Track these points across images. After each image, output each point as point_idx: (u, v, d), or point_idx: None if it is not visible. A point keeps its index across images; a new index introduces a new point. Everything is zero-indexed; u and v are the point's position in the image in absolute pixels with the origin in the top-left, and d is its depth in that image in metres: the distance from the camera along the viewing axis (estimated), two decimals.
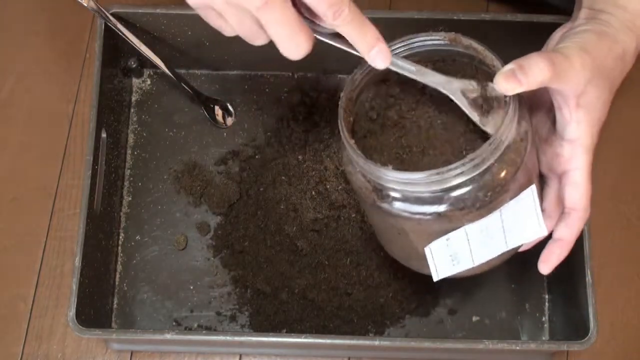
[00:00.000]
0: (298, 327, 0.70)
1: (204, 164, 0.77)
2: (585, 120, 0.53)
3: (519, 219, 0.54)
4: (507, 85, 0.50)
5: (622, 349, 0.72)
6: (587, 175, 0.55)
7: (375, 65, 0.51)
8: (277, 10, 0.47)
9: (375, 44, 0.50)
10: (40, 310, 0.73)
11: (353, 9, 0.48)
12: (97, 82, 0.70)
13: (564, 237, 0.56)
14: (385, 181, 0.52)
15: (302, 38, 0.49)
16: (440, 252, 0.56)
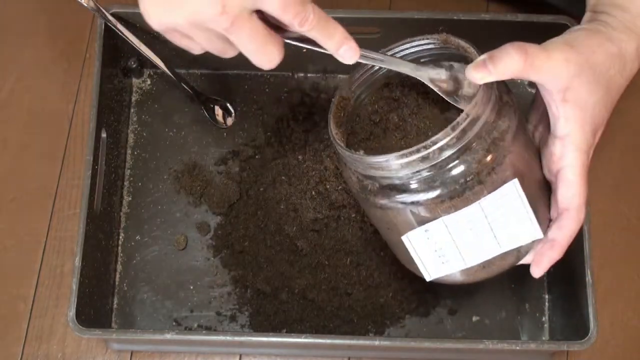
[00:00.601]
0: (298, 327, 0.70)
1: (204, 164, 0.77)
2: (574, 117, 0.53)
3: (509, 218, 0.54)
4: (477, 74, 0.51)
5: (622, 349, 0.72)
6: (580, 173, 0.54)
7: (345, 61, 0.52)
8: (244, 27, 0.48)
9: (344, 43, 0.51)
10: (40, 310, 0.73)
11: (317, 13, 0.49)
12: (97, 82, 0.70)
13: (556, 239, 0.55)
14: (363, 169, 0.54)
15: (272, 49, 0.50)
16: (422, 245, 0.55)
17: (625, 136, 0.79)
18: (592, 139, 0.54)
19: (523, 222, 0.54)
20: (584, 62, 0.52)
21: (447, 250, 0.55)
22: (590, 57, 0.53)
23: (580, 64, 0.52)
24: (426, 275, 0.58)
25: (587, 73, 0.53)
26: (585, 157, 0.54)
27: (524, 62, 0.51)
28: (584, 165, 0.54)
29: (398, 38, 0.73)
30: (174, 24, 0.49)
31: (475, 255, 0.56)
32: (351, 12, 0.71)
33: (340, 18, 0.70)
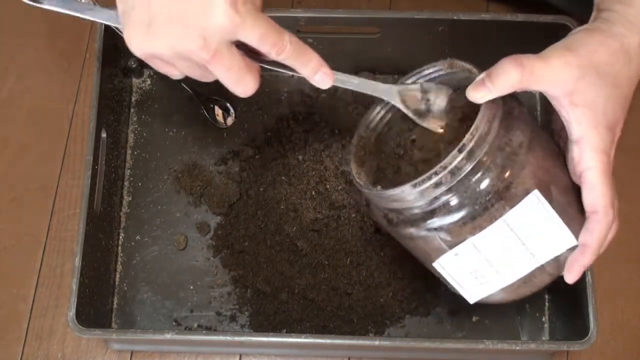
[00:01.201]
0: (298, 327, 0.70)
1: (204, 164, 0.77)
2: (585, 118, 0.53)
3: (539, 229, 0.53)
4: (477, 94, 0.52)
5: (622, 349, 0.72)
6: (601, 174, 0.53)
7: (321, 87, 0.54)
8: (223, 59, 0.50)
9: (319, 69, 0.53)
10: (40, 310, 0.73)
11: (294, 42, 0.51)
12: (97, 82, 0.70)
13: (587, 243, 0.55)
14: (385, 203, 0.55)
15: (248, 79, 0.52)
16: (456, 269, 0.56)
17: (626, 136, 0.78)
18: (610, 137, 0.54)
19: (554, 231, 0.54)
20: (586, 63, 0.53)
21: (483, 271, 0.55)
22: (592, 57, 0.53)
23: (582, 65, 0.52)
24: (469, 297, 0.58)
25: (591, 73, 0.53)
26: (605, 157, 0.54)
27: (522, 75, 0.51)
28: (604, 165, 0.53)
29: (398, 38, 0.73)
30: (156, 52, 0.50)
31: (512, 271, 0.55)
32: (351, 12, 0.71)
33: (340, 18, 0.71)
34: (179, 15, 0.48)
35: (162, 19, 0.48)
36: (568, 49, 0.53)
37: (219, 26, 0.48)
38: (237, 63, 0.51)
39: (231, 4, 0.48)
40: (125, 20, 0.50)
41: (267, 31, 0.50)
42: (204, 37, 0.48)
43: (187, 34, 0.48)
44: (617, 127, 0.55)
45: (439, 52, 0.73)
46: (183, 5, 0.48)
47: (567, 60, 0.52)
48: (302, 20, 0.72)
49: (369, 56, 0.77)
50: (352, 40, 0.75)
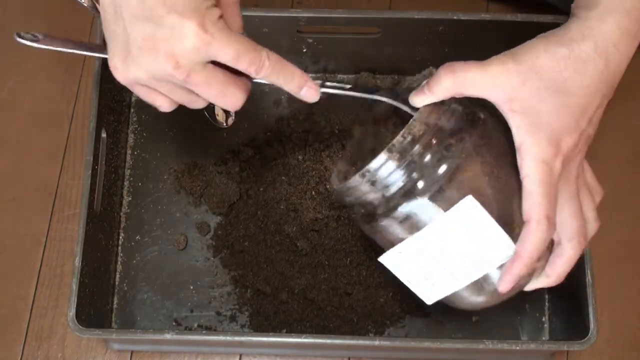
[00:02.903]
0: (298, 327, 0.70)
1: (204, 164, 0.77)
2: (524, 125, 0.52)
3: (480, 236, 0.53)
4: (417, 99, 0.54)
5: (622, 349, 0.72)
6: (540, 184, 0.52)
7: (308, 101, 0.55)
8: (200, 78, 0.50)
9: (304, 85, 0.54)
10: (40, 310, 0.73)
11: (273, 59, 0.51)
12: (97, 82, 0.70)
13: (517, 252, 0.53)
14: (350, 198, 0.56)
15: (233, 92, 0.52)
16: (404, 268, 0.56)
17: (625, 138, 0.79)
18: (553, 148, 0.52)
19: (493, 238, 0.53)
20: (527, 70, 0.52)
21: (431, 270, 0.55)
22: (534, 63, 0.52)
23: (521, 72, 0.52)
24: (424, 298, 0.58)
25: (532, 80, 0.52)
26: (545, 167, 0.52)
27: (453, 81, 0.52)
28: (543, 175, 0.52)
29: (398, 38, 0.73)
30: (136, 78, 0.51)
31: (461, 275, 0.55)
32: (351, 12, 0.71)
33: (340, 18, 0.71)
34: (151, 39, 0.48)
35: (137, 45, 0.49)
36: (511, 55, 0.53)
37: (190, 47, 0.48)
38: (217, 78, 0.51)
39: (199, 25, 0.48)
40: (109, 48, 0.52)
41: (242, 49, 0.50)
42: (176, 59, 0.49)
43: (160, 57, 0.49)
44: (565, 138, 0.52)
45: (439, 52, 0.74)
46: (155, 30, 0.48)
47: (506, 66, 0.52)
48: (302, 20, 0.72)
49: (369, 56, 0.77)
50: (352, 40, 0.75)
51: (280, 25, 0.72)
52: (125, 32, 0.49)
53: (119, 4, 0.49)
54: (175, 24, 0.48)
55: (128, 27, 0.49)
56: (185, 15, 0.47)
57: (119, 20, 0.49)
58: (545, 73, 0.52)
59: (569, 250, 0.55)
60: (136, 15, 0.48)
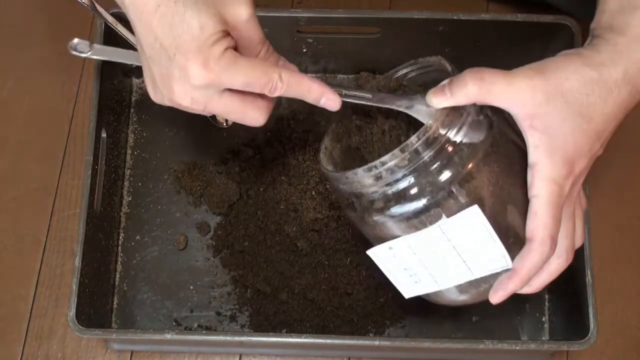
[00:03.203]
0: (298, 327, 0.70)
1: (204, 164, 0.77)
2: (542, 145, 0.52)
3: (475, 245, 0.53)
4: (435, 99, 0.52)
5: (622, 349, 0.72)
6: (548, 205, 0.51)
7: (330, 109, 0.55)
8: (219, 106, 0.52)
9: (322, 95, 0.54)
10: (40, 310, 0.73)
11: (286, 77, 0.52)
12: (97, 82, 0.70)
13: (516, 269, 0.53)
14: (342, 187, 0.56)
15: (252, 114, 0.53)
16: (390, 262, 0.56)
17: (626, 136, 0.79)
18: (566, 169, 0.52)
19: (490, 249, 0.53)
20: (554, 90, 0.51)
21: (417, 270, 0.55)
22: (562, 84, 0.51)
23: (548, 91, 0.51)
24: (403, 292, 0.58)
25: (558, 100, 0.51)
26: (556, 188, 0.52)
27: (479, 89, 0.51)
28: (553, 196, 0.52)
29: (398, 38, 0.73)
30: (165, 104, 0.53)
31: (446, 278, 0.55)
32: (351, 12, 0.71)
33: (340, 18, 0.71)
34: (166, 78, 0.51)
35: (156, 79, 0.52)
36: (539, 72, 0.52)
37: (199, 85, 0.50)
38: (233, 105, 0.52)
39: (202, 65, 0.49)
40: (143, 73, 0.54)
41: (251, 76, 0.51)
42: (191, 95, 0.51)
43: (175, 93, 0.51)
44: (579, 161, 0.52)
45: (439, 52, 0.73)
46: (168, 69, 0.50)
47: (533, 83, 0.51)
48: (302, 20, 0.72)
49: (369, 56, 0.77)
50: (352, 40, 0.75)
51: (280, 25, 0.72)
52: (148, 67, 0.52)
53: (140, 41, 0.51)
54: (182, 65, 0.49)
55: (149, 61, 0.51)
56: (188, 57, 0.49)
57: (142, 53, 0.52)
58: (572, 95, 0.51)
59: (555, 265, 0.55)
60: (152, 54, 0.50)
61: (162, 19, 0.49)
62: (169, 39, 0.49)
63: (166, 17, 0.49)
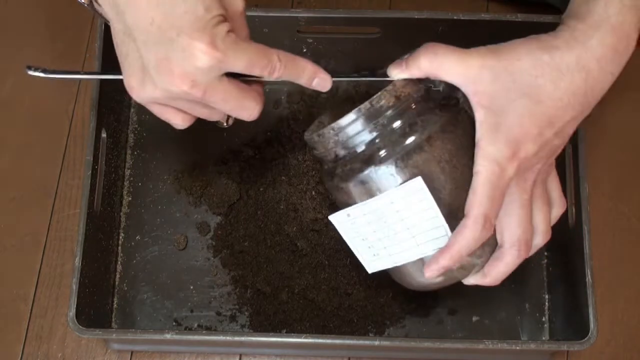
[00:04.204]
0: (298, 327, 0.70)
1: (204, 164, 0.77)
2: (486, 122, 0.52)
3: (420, 218, 0.53)
4: (394, 71, 0.55)
5: (622, 349, 0.72)
6: (486, 183, 0.51)
7: (321, 90, 0.56)
8: (217, 93, 0.51)
9: (315, 76, 0.54)
10: (40, 310, 0.73)
11: (284, 58, 0.52)
12: (97, 82, 0.70)
13: (448, 243, 0.54)
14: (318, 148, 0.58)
15: (249, 104, 0.53)
16: (350, 232, 0.56)
17: (625, 136, 0.79)
18: (509, 150, 0.51)
19: (435, 224, 0.53)
20: (503, 68, 0.52)
21: (374, 243, 0.56)
22: (513, 64, 0.52)
23: (497, 69, 0.52)
24: (366, 266, 0.58)
25: (506, 79, 0.51)
26: (497, 168, 0.51)
27: (430, 63, 0.53)
28: (492, 175, 0.51)
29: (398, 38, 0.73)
30: (153, 97, 0.51)
31: (399, 253, 0.55)
32: (351, 12, 0.71)
33: (340, 18, 0.71)
34: (166, 61, 0.49)
35: (151, 66, 0.50)
36: (493, 51, 0.52)
37: (203, 66, 0.49)
38: (232, 92, 0.52)
39: (209, 43, 0.48)
40: (123, 69, 0.52)
41: (253, 57, 0.50)
42: (192, 78, 0.49)
43: (175, 77, 0.49)
44: (526, 145, 0.52)
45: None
46: (167, 52, 0.49)
47: (484, 61, 0.52)
48: (302, 20, 0.72)
49: (369, 56, 0.77)
50: (352, 40, 0.75)
51: (280, 25, 0.72)
52: (139, 54, 0.50)
53: (130, 27, 0.49)
54: (186, 45, 0.48)
55: (141, 49, 0.49)
56: (193, 36, 0.48)
57: (130, 42, 0.50)
58: (521, 75, 0.51)
59: (508, 255, 0.55)
60: (148, 38, 0.49)
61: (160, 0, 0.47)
62: (169, 20, 0.48)
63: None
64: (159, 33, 0.48)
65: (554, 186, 0.58)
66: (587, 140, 0.67)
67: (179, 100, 0.52)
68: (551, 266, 0.72)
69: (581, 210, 0.65)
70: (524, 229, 0.54)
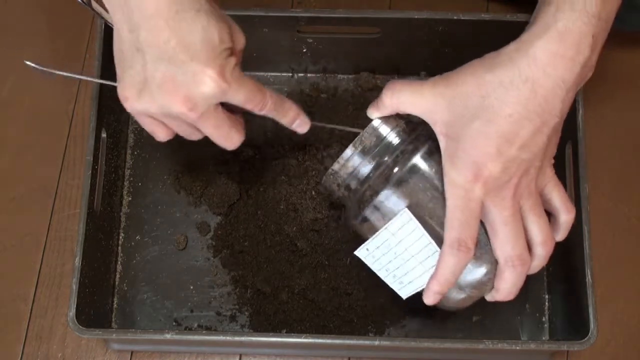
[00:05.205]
0: (298, 327, 0.70)
1: (204, 164, 0.77)
2: (447, 149, 0.53)
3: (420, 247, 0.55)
4: (369, 111, 0.58)
5: (622, 349, 0.72)
6: (453, 209, 0.53)
7: (298, 132, 0.60)
8: (210, 120, 0.53)
9: (296, 118, 0.59)
10: (40, 310, 0.73)
11: (274, 99, 0.55)
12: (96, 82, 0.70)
13: (434, 270, 0.55)
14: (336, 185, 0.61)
15: (234, 134, 0.56)
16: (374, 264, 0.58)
17: (625, 136, 0.79)
18: (470, 173, 0.51)
19: (432, 252, 0.55)
20: (453, 94, 0.52)
21: (395, 272, 0.58)
22: (460, 88, 0.52)
23: (448, 96, 0.53)
24: (400, 293, 0.59)
25: (457, 105, 0.52)
26: (462, 192, 0.52)
27: (391, 100, 0.55)
28: (458, 199, 0.52)
29: (398, 38, 0.73)
30: (147, 110, 0.53)
31: (417, 279, 0.57)
32: (351, 12, 0.71)
33: (340, 18, 0.71)
34: (172, 81, 0.50)
35: (155, 82, 0.51)
36: (444, 78, 0.53)
37: (208, 93, 0.51)
38: (224, 121, 0.54)
39: (219, 74, 0.50)
40: (121, 77, 0.53)
41: (251, 93, 0.53)
42: (193, 102, 0.51)
43: (177, 98, 0.51)
44: (487, 165, 0.51)
45: (439, 52, 0.74)
46: (176, 72, 0.50)
47: (436, 90, 0.53)
48: (302, 20, 0.72)
49: (369, 56, 0.77)
50: (352, 40, 0.75)
51: (280, 25, 0.72)
52: (145, 68, 0.51)
53: (142, 42, 0.50)
54: (197, 71, 0.50)
55: (149, 63, 0.51)
56: (207, 64, 0.50)
57: (138, 54, 0.51)
58: (469, 99, 0.52)
59: (506, 272, 0.55)
60: (159, 56, 0.50)
61: (180, 23, 0.49)
62: (185, 44, 0.49)
63: (185, 22, 0.49)
64: (172, 54, 0.50)
65: (554, 195, 0.57)
66: (587, 140, 0.67)
67: (170, 118, 0.54)
68: (551, 266, 0.72)
69: (581, 211, 0.65)
70: (513, 244, 0.54)
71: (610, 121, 0.78)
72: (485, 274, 0.56)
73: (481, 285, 0.57)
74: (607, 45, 0.53)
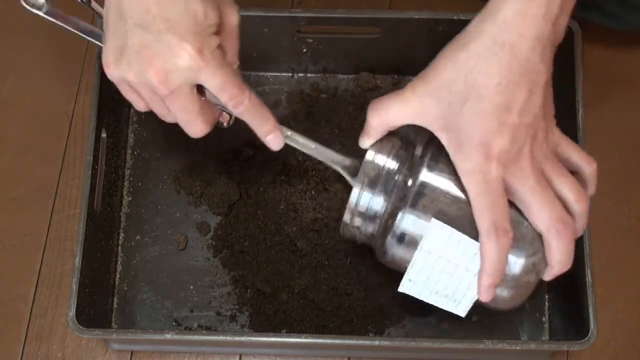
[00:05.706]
0: (298, 327, 0.70)
1: (204, 164, 0.77)
2: (450, 142, 0.52)
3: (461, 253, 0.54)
4: (361, 140, 0.57)
5: (622, 349, 0.72)
6: (477, 197, 0.51)
7: (271, 148, 0.58)
8: (181, 99, 0.52)
9: (272, 132, 0.57)
10: (40, 310, 0.73)
11: (253, 100, 0.54)
12: (97, 82, 0.70)
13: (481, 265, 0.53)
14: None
15: (199, 124, 0.55)
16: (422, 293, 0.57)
17: (625, 136, 0.79)
18: (481, 155, 0.51)
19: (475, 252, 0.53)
20: (435, 87, 0.52)
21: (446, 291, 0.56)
22: (440, 77, 0.51)
23: (430, 91, 0.52)
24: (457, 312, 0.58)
25: (443, 96, 0.51)
26: (479, 177, 0.51)
27: (379, 119, 0.54)
28: (479, 185, 0.51)
29: (398, 38, 0.73)
30: (124, 77, 0.53)
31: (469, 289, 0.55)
32: (351, 12, 0.71)
33: (340, 18, 0.71)
34: (148, 49, 0.50)
35: (133, 49, 0.51)
36: (420, 78, 0.53)
37: (183, 67, 0.50)
38: (193, 106, 0.53)
39: (197, 49, 0.50)
40: (105, 43, 0.53)
41: (229, 81, 0.52)
42: (166, 74, 0.50)
43: (151, 68, 0.50)
44: (495, 140, 0.50)
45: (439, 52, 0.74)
46: (154, 41, 0.50)
47: (418, 91, 0.52)
48: (302, 20, 0.72)
49: (369, 56, 0.77)
50: (352, 40, 0.75)
51: (280, 25, 0.72)
52: (126, 35, 0.51)
53: (124, 10, 0.50)
54: (174, 43, 0.49)
55: (129, 31, 0.50)
56: (185, 37, 0.49)
57: (121, 21, 0.51)
58: (453, 84, 0.51)
59: (552, 241, 0.53)
60: (138, 24, 0.50)
61: None
62: (165, 14, 0.49)
63: None
64: (150, 22, 0.49)
65: (570, 151, 0.55)
66: (587, 140, 0.67)
67: (145, 88, 0.53)
68: None
69: None
70: (549, 210, 0.52)
71: (609, 121, 0.78)
72: (533, 253, 0.54)
73: (532, 266, 0.54)
74: (606, 45, 0.53)
